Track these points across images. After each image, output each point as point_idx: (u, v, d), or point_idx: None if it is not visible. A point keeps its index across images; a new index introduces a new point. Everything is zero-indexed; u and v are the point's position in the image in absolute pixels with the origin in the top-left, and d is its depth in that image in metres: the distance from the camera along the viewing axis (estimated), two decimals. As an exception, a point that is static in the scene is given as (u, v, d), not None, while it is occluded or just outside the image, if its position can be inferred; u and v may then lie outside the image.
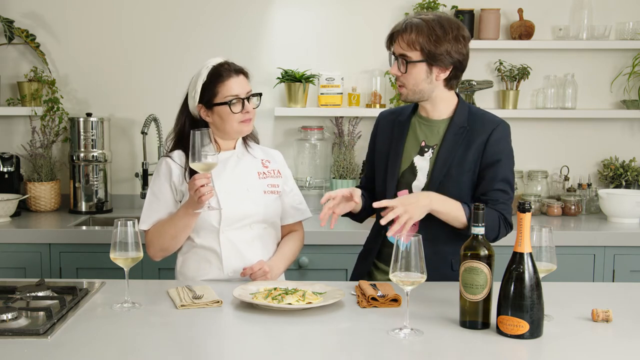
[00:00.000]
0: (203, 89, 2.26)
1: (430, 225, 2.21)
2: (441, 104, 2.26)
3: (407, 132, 2.30)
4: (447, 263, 2.24)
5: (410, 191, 2.26)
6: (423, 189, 2.24)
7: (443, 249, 2.23)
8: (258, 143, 2.46)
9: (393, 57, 2.25)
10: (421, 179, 2.25)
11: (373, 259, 2.35)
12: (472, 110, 2.28)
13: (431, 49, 2.15)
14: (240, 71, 2.29)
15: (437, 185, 2.21)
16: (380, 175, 2.34)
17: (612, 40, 3.61)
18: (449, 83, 2.23)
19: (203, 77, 2.26)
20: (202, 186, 2.06)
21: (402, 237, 1.73)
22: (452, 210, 2.15)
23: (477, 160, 2.21)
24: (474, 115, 2.26)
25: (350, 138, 3.61)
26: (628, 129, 3.74)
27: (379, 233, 2.34)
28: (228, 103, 2.24)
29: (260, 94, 2.33)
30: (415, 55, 2.17)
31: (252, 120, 2.31)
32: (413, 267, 1.72)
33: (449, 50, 2.16)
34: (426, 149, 2.26)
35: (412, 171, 2.27)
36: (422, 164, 2.26)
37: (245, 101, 2.26)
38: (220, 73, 2.25)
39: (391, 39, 2.25)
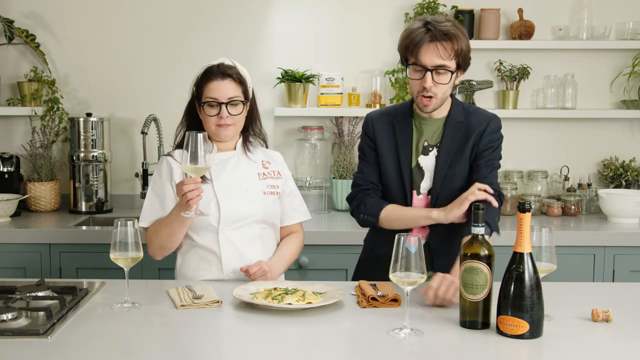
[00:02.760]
0: (196, 87, 2.30)
1: (442, 229, 2.23)
2: (444, 104, 2.28)
3: (412, 133, 2.31)
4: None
5: (419, 193, 2.28)
6: (430, 190, 2.27)
7: (453, 246, 2.20)
8: (267, 147, 2.45)
9: (417, 67, 2.16)
10: (427, 178, 2.28)
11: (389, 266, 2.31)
12: (465, 106, 2.33)
13: (466, 53, 2.16)
14: (227, 75, 2.26)
15: (441, 180, 2.25)
16: (394, 175, 2.30)
17: (612, 40, 3.61)
18: None
19: (198, 76, 2.30)
20: (190, 191, 2.05)
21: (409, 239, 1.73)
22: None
23: (474, 148, 2.27)
24: (468, 111, 2.32)
25: (350, 138, 3.61)
26: (628, 129, 3.74)
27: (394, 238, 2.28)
28: (202, 105, 2.25)
29: (245, 102, 2.29)
30: (453, 64, 2.16)
31: (233, 127, 2.27)
32: (413, 267, 1.72)
33: (470, 51, 2.20)
34: (430, 148, 2.29)
35: (420, 171, 2.29)
36: (427, 162, 2.29)
37: (223, 107, 2.24)
38: (208, 74, 2.27)
39: (419, 50, 2.14)
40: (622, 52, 3.68)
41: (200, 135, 2.01)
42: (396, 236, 1.74)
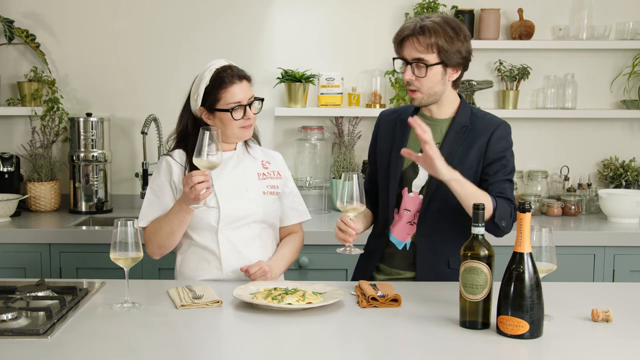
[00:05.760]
0: (205, 93, 2.26)
1: (428, 224, 2.24)
2: (447, 105, 2.26)
3: (410, 131, 2.30)
4: (444, 261, 2.25)
5: (410, 190, 2.28)
6: (423, 187, 2.26)
7: (440, 247, 2.24)
8: (259, 144, 2.46)
9: (403, 62, 2.22)
10: (422, 177, 2.27)
11: (377, 260, 2.35)
12: (474, 111, 2.30)
13: (448, 49, 2.15)
14: (243, 77, 2.28)
15: (437, 183, 2.21)
16: (383, 173, 2.34)
17: (612, 40, 3.61)
18: (455, 83, 2.25)
19: (206, 81, 2.26)
20: (200, 182, 2.06)
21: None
22: (471, 188, 2.12)
23: (480, 159, 2.23)
24: (476, 116, 2.28)
25: (350, 138, 3.61)
26: (628, 129, 3.74)
27: (381, 234, 2.34)
28: (230, 110, 2.24)
29: (262, 99, 2.33)
30: (432, 58, 2.17)
31: (253, 125, 2.31)
32: (355, 200, 2.06)
33: (460, 49, 2.18)
34: None
35: (414, 169, 2.28)
36: None
37: (247, 107, 2.26)
38: (223, 79, 2.25)
39: (401, 44, 2.21)
40: (622, 52, 3.68)
41: (216, 132, 2.05)
42: (342, 174, 2.08)
